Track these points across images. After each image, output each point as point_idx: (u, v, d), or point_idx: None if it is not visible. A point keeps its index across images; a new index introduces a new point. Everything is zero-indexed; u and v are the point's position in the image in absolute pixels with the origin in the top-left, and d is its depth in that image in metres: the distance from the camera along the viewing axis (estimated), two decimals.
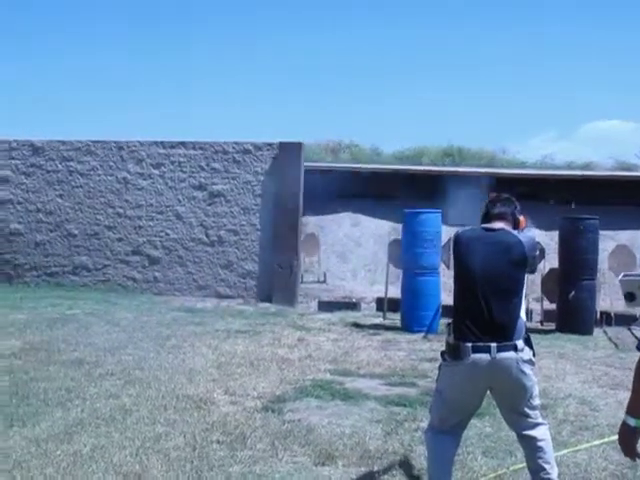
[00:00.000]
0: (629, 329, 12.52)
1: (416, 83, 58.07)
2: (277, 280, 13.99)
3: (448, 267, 4.80)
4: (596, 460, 5.40)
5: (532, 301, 13.34)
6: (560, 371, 8.74)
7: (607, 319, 12.96)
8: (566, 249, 11.87)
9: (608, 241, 14.78)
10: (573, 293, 11.65)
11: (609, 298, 13.31)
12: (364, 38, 58.75)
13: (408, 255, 11.61)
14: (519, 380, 4.23)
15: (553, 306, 12.41)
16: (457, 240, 4.54)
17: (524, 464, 5.16)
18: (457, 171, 20.39)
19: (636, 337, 11.77)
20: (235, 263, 14.31)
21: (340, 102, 56.79)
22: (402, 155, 23.87)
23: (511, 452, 5.44)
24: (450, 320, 4.46)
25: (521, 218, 4.66)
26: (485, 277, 4.28)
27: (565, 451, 5.55)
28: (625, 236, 16.02)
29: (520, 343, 4.22)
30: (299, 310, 13.39)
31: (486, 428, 6.09)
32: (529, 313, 13.13)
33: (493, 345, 4.15)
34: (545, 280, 12.56)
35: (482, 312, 4.21)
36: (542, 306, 12.76)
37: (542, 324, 12.57)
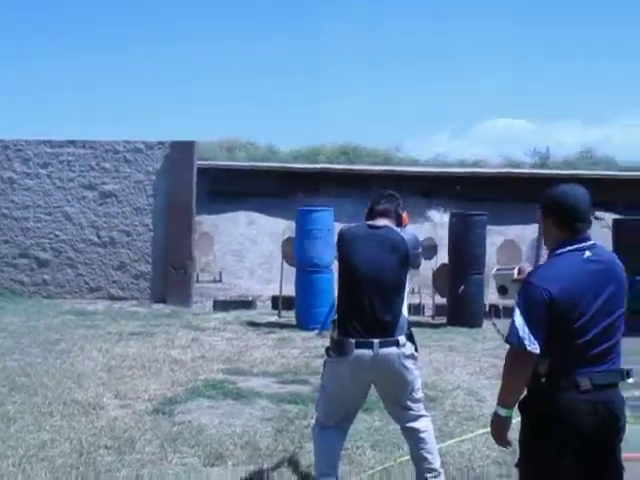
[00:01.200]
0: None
1: (312, 82, 58.43)
2: (171, 281, 13.80)
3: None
4: (479, 449, 5.57)
5: (425, 296, 13.67)
6: (449, 364, 8.97)
7: (496, 312, 13.37)
8: (455, 244, 12.18)
9: (497, 236, 15.25)
10: (463, 287, 11.96)
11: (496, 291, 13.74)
12: (260, 37, 58.72)
13: (301, 252, 11.66)
14: (401, 374, 4.32)
15: (444, 300, 12.72)
16: (341, 237, 4.60)
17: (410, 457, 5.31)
18: (351, 169, 20.66)
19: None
20: (128, 264, 14.03)
21: (236, 100, 56.57)
22: (298, 154, 24.01)
23: (399, 445, 5.53)
24: (335, 317, 4.52)
25: (404, 214, 4.76)
26: (368, 274, 4.35)
27: (451, 441, 5.71)
28: (513, 231, 16.58)
29: (402, 339, 4.32)
30: (194, 310, 13.26)
31: (375, 422, 6.18)
32: (422, 308, 13.46)
33: (376, 341, 4.22)
34: (436, 275, 12.86)
35: (365, 309, 4.29)
36: (434, 300, 13.05)
37: (434, 318, 12.87)
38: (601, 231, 18.63)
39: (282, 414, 6.44)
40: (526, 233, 16.33)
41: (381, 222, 4.57)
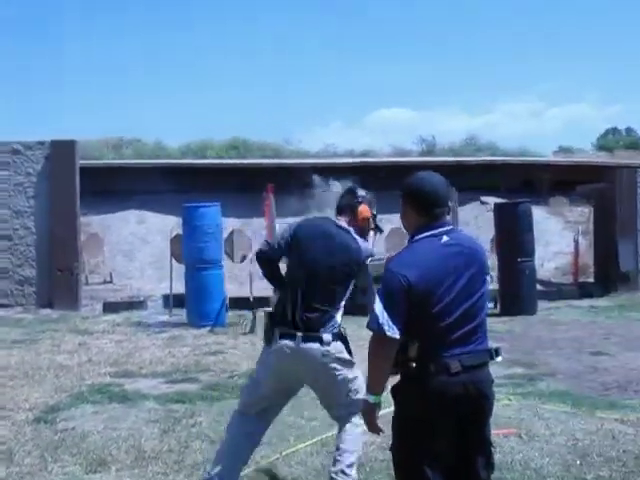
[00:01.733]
0: None
1: (200, 76, 57.87)
2: (58, 285, 13.39)
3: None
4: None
5: None
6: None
7: None
8: None
9: (386, 224, 15.44)
10: None
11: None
12: (143, 34, 57.71)
13: (189, 249, 11.54)
14: (326, 373, 4.31)
15: None
16: (298, 228, 4.52)
17: (296, 448, 5.34)
18: (241, 163, 20.58)
19: None
20: (11, 270, 13.53)
21: (121, 97, 55.43)
22: (187, 149, 23.74)
23: (286, 438, 5.56)
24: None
25: (361, 208, 4.75)
26: (310, 270, 4.32)
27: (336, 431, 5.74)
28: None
29: (327, 337, 4.27)
30: (83, 314, 12.92)
31: None
32: None
33: (299, 334, 4.22)
34: None
35: (297, 303, 4.27)
36: None
37: None
38: (486, 215, 19.24)
39: (169, 414, 6.34)
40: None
41: (342, 221, 4.54)
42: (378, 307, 3.07)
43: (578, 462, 4.97)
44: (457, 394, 3.10)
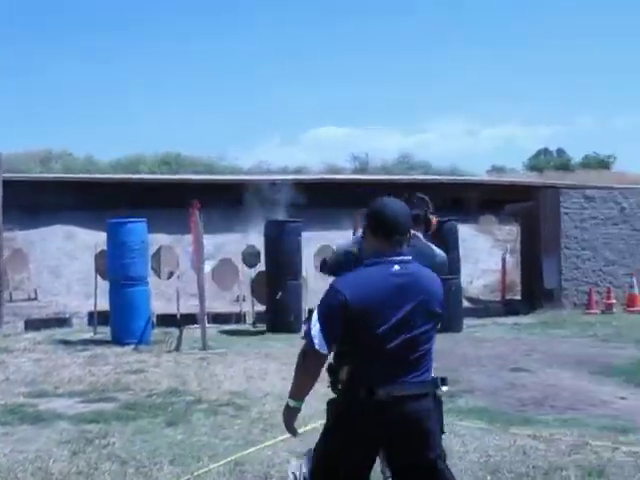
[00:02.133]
0: None
1: (134, 90, 57.29)
2: None
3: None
4: (280, 454, 5.59)
5: (244, 304, 13.68)
6: (263, 371, 9.01)
7: None
8: (272, 252, 12.29)
9: (314, 242, 15.45)
10: (280, 294, 12.07)
11: (317, 296, 13.98)
12: (72, 42, 56.93)
13: (114, 266, 11.35)
14: None
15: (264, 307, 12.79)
16: None
17: (209, 468, 5.27)
18: (172, 178, 20.39)
19: None
20: None
21: (52, 110, 54.51)
22: (118, 164, 23.38)
23: (199, 458, 5.48)
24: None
25: (433, 220, 4.50)
26: None
27: (252, 449, 5.70)
28: (331, 236, 16.87)
29: None
30: (4, 331, 12.59)
31: (177, 436, 6.09)
32: (243, 316, 13.46)
33: None
34: (255, 283, 12.91)
35: None
36: (253, 308, 13.09)
37: (254, 326, 12.91)
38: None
39: (81, 435, 6.18)
40: (339, 237, 16.66)
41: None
42: (314, 320, 3.11)
43: (489, 478, 5.00)
44: (381, 422, 3.09)
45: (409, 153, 26.46)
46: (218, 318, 13.63)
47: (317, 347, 3.08)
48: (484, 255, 20.33)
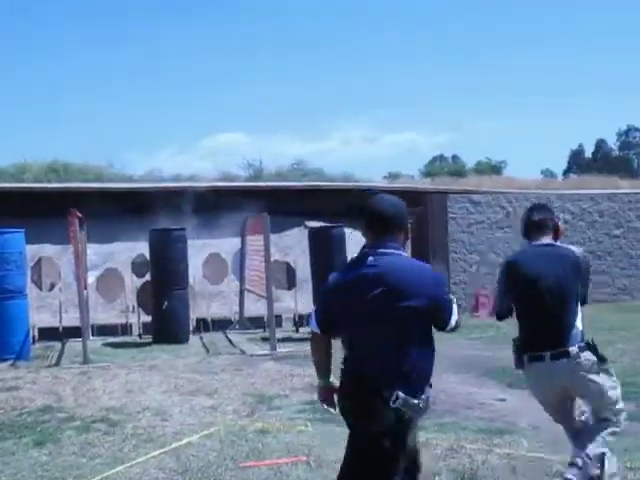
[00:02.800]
0: (224, 333, 13.05)
1: (19, 95, 55.45)
2: None
3: None
4: (149, 471, 5.38)
5: (130, 315, 13.31)
6: (145, 384, 8.72)
7: (205, 325, 13.37)
8: (157, 260, 11.98)
9: (204, 249, 15.20)
10: (166, 303, 11.78)
11: (205, 305, 13.76)
12: None
13: None
14: (580, 385, 4.47)
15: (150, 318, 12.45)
16: (512, 263, 4.70)
17: None
18: (58, 187, 19.69)
19: (229, 340, 12.29)
20: None
21: None
22: (3, 172, 22.46)
23: (63, 478, 5.22)
24: None
25: (560, 226, 4.77)
26: (543, 289, 4.47)
27: (120, 467, 5.47)
28: (221, 244, 16.67)
29: (574, 349, 4.38)
30: None
31: (43, 457, 5.80)
32: (129, 327, 13.08)
33: (547, 354, 4.41)
34: (140, 292, 12.57)
35: (541, 323, 4.50)
36: (139, 319, 12.74)
37: (141, 337, 12.56)
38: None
39: None
40: (232, 245, 16.45)
41: (544, 239, 4.60)
42: (316, 306, 3.71)
43: None
44: (349, 409, 3.42)
45: (303, 159, 26.49)
46: (104, 330, 13.22)
47: (310, 326, 3.54)
48: None
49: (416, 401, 3.26)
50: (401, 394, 3.22)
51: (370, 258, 3.30)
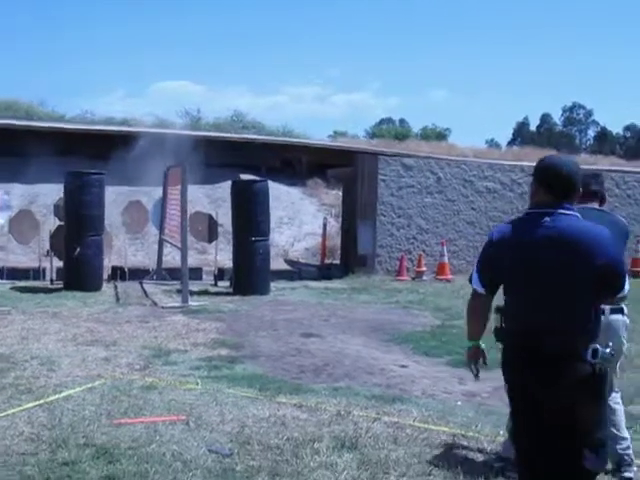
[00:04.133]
0: (140, 283, 12.72)
1: None
2: None
3: None
4: (17, 424, 5.09)
5: (43, 259, 12.88)
6: (41, 331, 8.39)
7: (121, 274, 13.02)
8: (72, 205, 11.54)
9: (128, 196, 14.79)
10: (78, 250, 11.38)
11: (124, 253, 13.39)
12: None
13: None
14: None
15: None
16: None
17: None
18: None
19: (144, 290, 11.98)
20: None
21: None
22: None
23: None
24: None
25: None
26: None
27: None
28: (141, 191, 16.26)
29: None
30: None
31: None
32: (42, 272, 12.65)
33: None
34: (53, 238, 12.13)
35: None
36: (52, 264, 12.32)
37: (52, 283, 12.17)
38: None
39: None
40: (151, 192, 16.04)
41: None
42: (475, 266, 3.45)
43: (236, 451, 4.74)
44: (523, 368, 3.24)
45: (242, 112, 26.00)
46: (16, 273, 12.79)
47: (474, 286, 3.40)
48: (309, 218, 20.31)
49: (607, 350, 3.15)
50: (598, 347, 3.13)
51: (547, 219, 3.22)
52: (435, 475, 4.42)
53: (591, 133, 76.87)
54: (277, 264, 15.06)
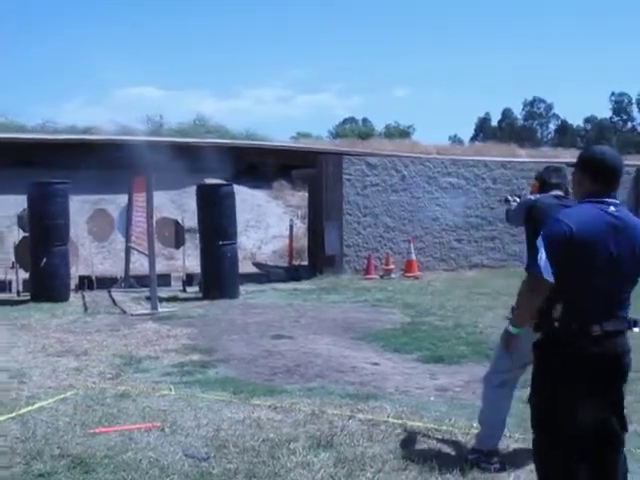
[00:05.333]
0: (108, 291, 12.65)
1: None
2: None
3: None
4: None
5: (9, 272, 12.74)
6: (11, 344, 8.31)
7: (89, 284, 12.92)
8: (36, 215, 11.44)
9: (88, 205, 14.69)
10: (45, 260, 11.28)
11: (91, 262, 13.30)
12: None
13: None
14: None
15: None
16: (537, 207, 4.54)
17: None
18: None
19: (113, 299, 11.91)
20: None
21: None
22: None
23: None
24: None
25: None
26: None
27: None
28: (109, 199, 16.16)
29: None
30: None
31: None
32: (8, 284, 12.51)
33: None
34: (19, 249, 12.01)
35: None
36: (17, 276, 12.20)
37: (19, 295, 12.04)
38: None
39: None
40: (117, 200, 15.92)
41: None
42: (539, 251, 3.23)
43: (212, 454, 4.75)
44: (595, 356, 3.24)
45: (205, 116, 25.92)
46: None
47: (544, 275, 3.20)
48: (275, 220, 20.33)
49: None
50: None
51: (612, 208, 3.29)
52: (411, 470, 4.46)
53: (552, 126, 77.89)
54: (245, 267, 15.04)
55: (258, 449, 4.83)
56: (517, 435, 5.01)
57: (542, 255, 3.22)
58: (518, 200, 5.26)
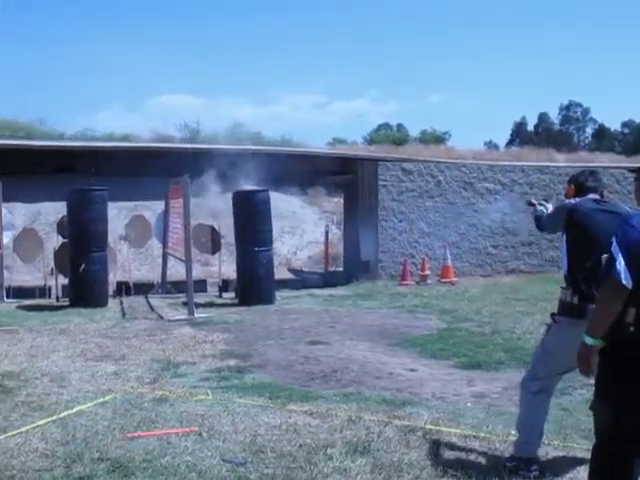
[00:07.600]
0: (145, 297, 12.76)
1: None
2: None
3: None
4: (31, 441, 5.12)
5: (49, 277, 12.93)
6: (50, 348, 8.42)
7: (126, 289, 13.06)
8: (75, 221, 11.59)
9: (126, 211, 14.85)
10: (84, 266, 11.43)
11: (128, 268, 13.44)
12: None
13: None
14: None
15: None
16: (576, 210, 4.54)
17: None
18: None
19: (150, 304, 12.02)
20: None
21: None
22: None
23: None
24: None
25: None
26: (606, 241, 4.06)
27: (1, 436, 5.20)
28: (144, 206, 16.32)
29: None
30: None
31: None
32: (47, 290, 12.69)
33: None
34: (58, 255, 12.18)
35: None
36: (57, 282, 12.37)
37: (58, 300, 12.21)
38: None
39: None
40: (154, 207, 16.07)
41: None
42: (616, 256, 3.23)
43: (250, 459, 4.77)
44: None
45: (241, 123, 26.09)
46: (22, 292, 12.83)
47: (623, 281, 3.19)
48: (311, 226, 20.38)
49: None
50: None
51: None
52: (449, 477, 4.43)
53: (589, 131, 77.01)
54: (281, 273, 15.10)
55: (295, 454, 4.84)
56: (556, 442, 4.96)
57: (620, 261, 3.23)
58: (544, 203, 5.22)
